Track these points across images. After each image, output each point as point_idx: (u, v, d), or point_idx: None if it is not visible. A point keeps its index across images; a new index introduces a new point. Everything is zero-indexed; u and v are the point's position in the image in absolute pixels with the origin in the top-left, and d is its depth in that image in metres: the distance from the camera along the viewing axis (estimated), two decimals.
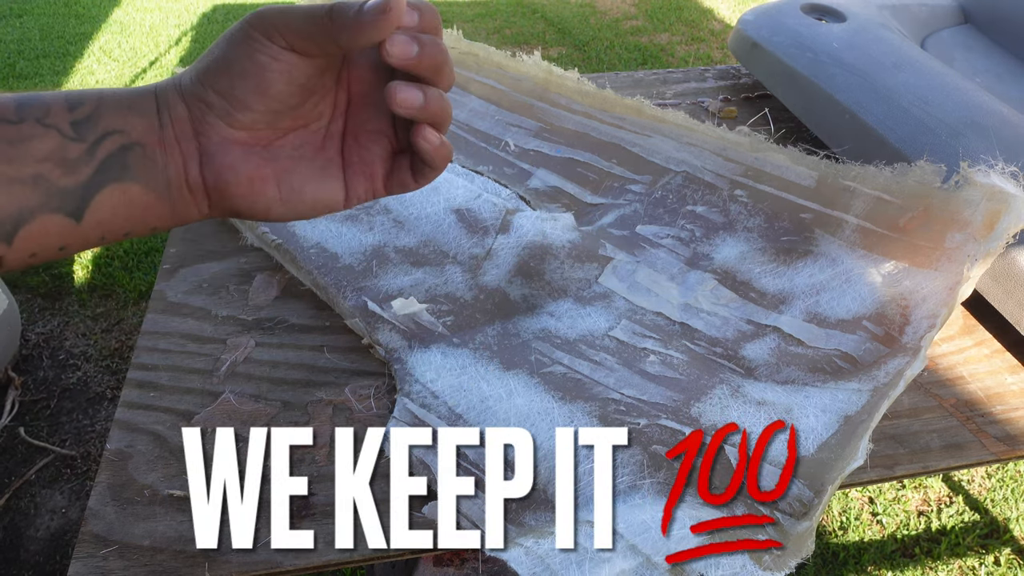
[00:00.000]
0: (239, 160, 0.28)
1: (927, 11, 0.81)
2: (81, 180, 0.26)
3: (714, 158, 0.61)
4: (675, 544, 0.36)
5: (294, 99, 0.28)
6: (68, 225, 0.26)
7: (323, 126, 0.30)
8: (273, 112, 0.28)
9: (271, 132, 0.29)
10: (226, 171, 0.28)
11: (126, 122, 0.27)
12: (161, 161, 0.27)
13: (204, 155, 0.28)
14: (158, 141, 0.27)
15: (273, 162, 0.29)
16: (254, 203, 0.29)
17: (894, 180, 0.52)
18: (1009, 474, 1.28)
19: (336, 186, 0.31)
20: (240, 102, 0.27)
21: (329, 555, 0.39)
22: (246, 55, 0.27)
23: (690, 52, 2.87)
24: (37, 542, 1.17)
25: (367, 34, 0.26)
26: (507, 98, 0.72)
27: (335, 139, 0.31)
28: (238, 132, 0.28)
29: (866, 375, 0.46)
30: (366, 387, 0.48)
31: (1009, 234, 0.47)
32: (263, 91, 0.27)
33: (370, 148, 0.31)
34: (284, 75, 0.27)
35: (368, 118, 0.31)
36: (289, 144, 0.29)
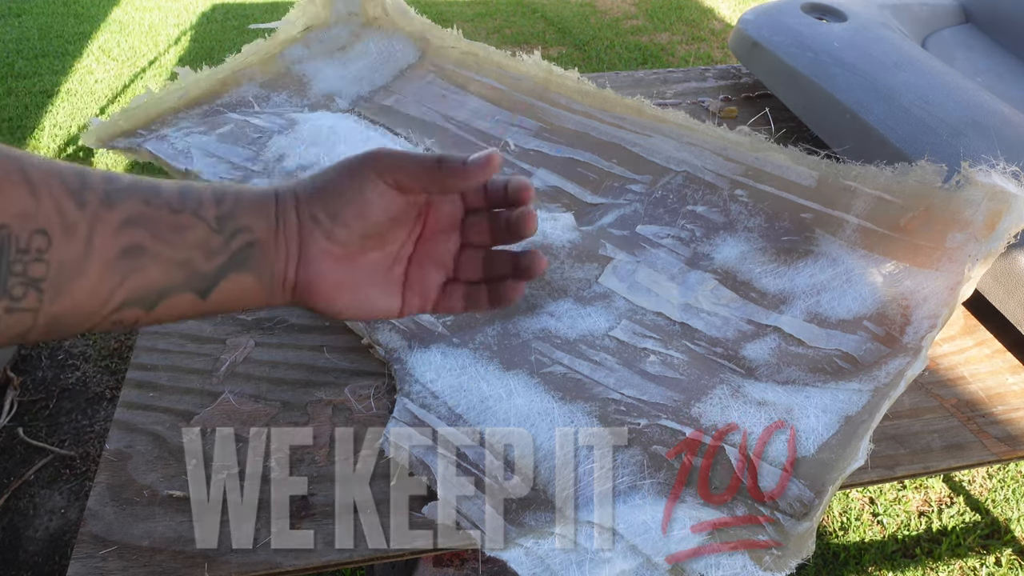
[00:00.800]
0: (328, 269, 0.33)
1: (928, 10, 0.81)
2: (215, 267, 0.30)
3: (714, 158, 0.61)
4: (675, 544, 0.36)
5: (384, 227, 0.34)
6: (195, 302, 0.30)
7: (396, 250, 0.35)
8: (365, 235, 0.33)
9: (358, 250, 0.34)
10: (317, 276, 0.33)
11: (254, 221, 0.31)
12: (271, 257, 0.32)
13: (303, 259, 0.33)
14: (273, 241, 0.32)
15: (353, 275, 0.34)
16: (330, 305, 0.34)
17: (895, 180, 0.52)
18: (1010, 474, 1.28)
19: (396, 301, 0.36)
20: (342, 223, 0.32)
21: (329, 555, 0.39)
22: (357, 188, 0.32)
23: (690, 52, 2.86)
24: (36, 542, 1.17)
25: (471, 180, 0.32)
26: (507, 98, 0.72)
27: (403, 262, 0.36)
28: (333, 246, 0.33)
29: (867, 375, 0.46)
30: (366, 387, 0.48)
31: (1010, 234, 0.47)
32: (363, 217, 0.32)
33: (430, 274, 0.36)
34: (383, 208, 0.33)
35: (434, 250, 0.36)
36: (369, 261, 0.34)
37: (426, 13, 0.82)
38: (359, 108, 0.74)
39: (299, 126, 0.68)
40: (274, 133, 0.67)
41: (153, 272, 0.29)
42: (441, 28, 0.79)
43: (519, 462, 0.42)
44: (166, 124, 0.70)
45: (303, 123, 0.68)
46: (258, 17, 3.10)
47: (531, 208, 0.34)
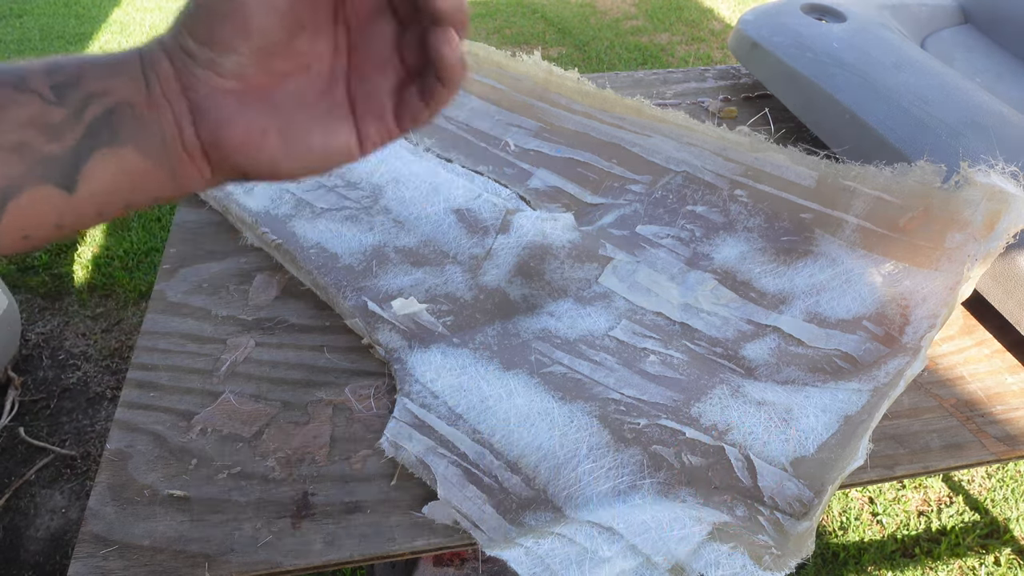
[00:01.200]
0: (234, 113, 0.26)
1: (927, 11, 0.81)
2: (69, 145, 0.24)
3: (714, 158, 0.61)
4: (675, 544, 0.36)
5: (280, 33, 0.26)
6: (60, 197, 0.24)
7: (326, 67, 0.28)
8: (261, 52, 0.26)
9: (265, 77, 0.26)
10: (222, 126, 0.26)
11: (111, 84, 0.25)
12: (153, 122, 0.25)
13: (196, 112, 0.26)
14: (146, 101, 0.25)
15: (273, 112, 0.27)
16: (257, 159, 0.27)
17: (894, 180, 0.52)
18: (1009, 474, 1.28)
19: (347, 131, 0.28)
20: (222, 45, 0.25)
21: (329, 555, 0.39)
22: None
23: (690, 52, 2.86)
24: (37, 542, 1.17)
25: None
26: (507, 98, 0.72)
27: (340, 80, 0.28)
28: (227, 81, 0.26)
29: (866, 375, 0.46)
30: (366, 387, 0.48)
31: (1009, 234, 0.47)
32: (244, 29, 0.25)
33: (377, 83, 0.28)
34: (263, 5, 0.25)
35: (372, 50, 0.28)
36: (289, 90, 0.27)
37: None
38: None
39: None
40: None
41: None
42: None
43: (519, 462, 0.42)
44: None
45: None
46: None
47: None
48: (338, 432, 0.45)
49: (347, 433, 0.45)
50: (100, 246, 1.79)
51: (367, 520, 0.40)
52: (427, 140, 0.70)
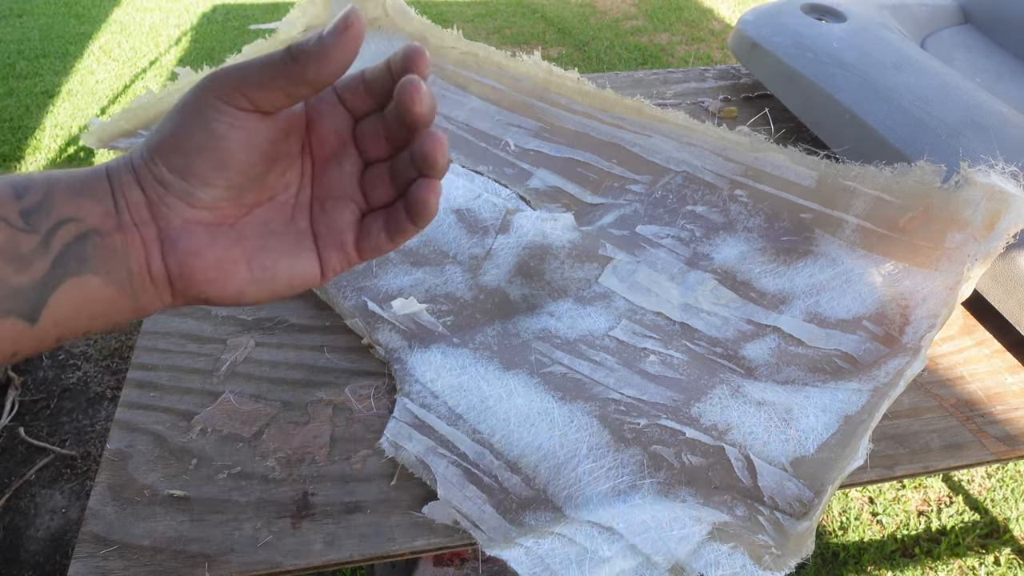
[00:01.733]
0: (204, 244, 0.26)
1: (927, 11, 0.81)
2: (37, 277, 0.23)
3: (714, 158, 0.61)
4: (675, 544, 0.36)
5: (257, 169, 0.26)
6: (21, 329, 0.23)
7: (291, 197, 0.28)
8: (236, 186, 0.26)
9: (236, 208, 0.26)
10: (191, 257, 0.26)
11: (80, 208, 0.24)
12: (121, 250, 0.25)
13: (165, 241, 0.25)
14: (115, 227, 0.24)
15: (242, 242, 0.27)
16: (224, 289, 0.27)
17: (894, 180, 0.52)
18: (1009, 474, 1.28)
19: (310, 259, 0.28)
20: (199, 179, 0.25)
21: (329, 555, 0.39)
22: (201, 126, 0.24)
23: (690, 52, 2.86)
24: (37, 542, 1.17)
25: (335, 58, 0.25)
26: (507, 98, 0.72)
27: (304, 210, 0.28)
28: (200, 212, 0.25)
29: (866, 375, 0.46)
30: (366, 387, 0.48)
31: (1009, 234, 0.47)
32: (223, 164, 0.25)
33: (339, 215, 0.28)
34: (244, 143, 0.25)
35: (334, 184, 0.28)
36: (257, 220, 0.27)
37: (426, 13, 0.82)
38: None
39: None
40: None
41: None
42: (441, 28, 0.79)
43: (519, 462, 0.42)
44: None
45: None
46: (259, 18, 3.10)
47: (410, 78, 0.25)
48: (338, 432, 0.45)
49: (347, 433, 0.45)
50: None
51: (367, 520, 0.40)
52: None
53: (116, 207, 0.25)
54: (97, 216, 0.24)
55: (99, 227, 0.24)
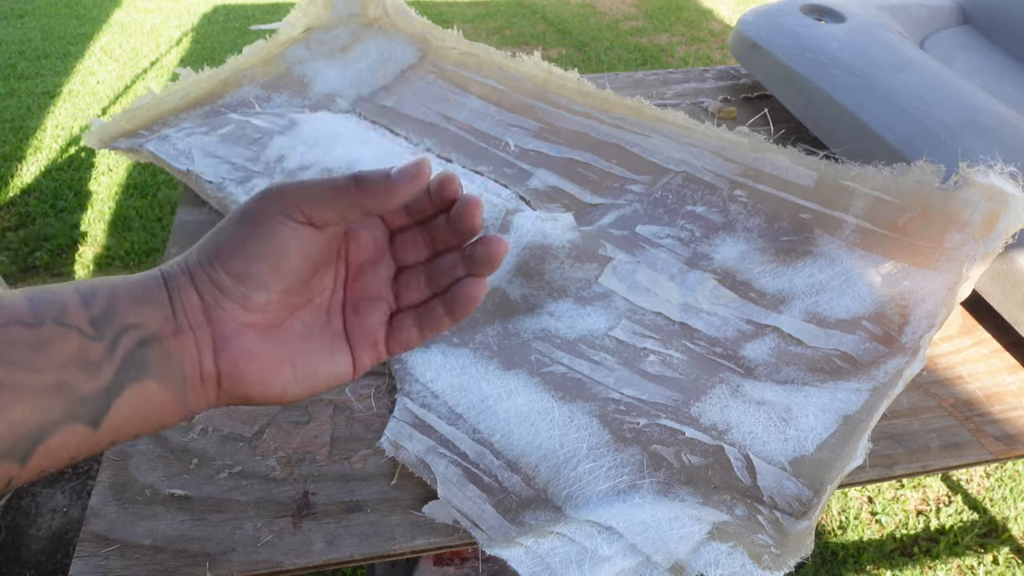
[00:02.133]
0: (256, 346, 0.27)
1: (926, 12, 0.81)
2: (103, 384, 0.24)
3: (714, 158, 0.61)
4: (674, 543, 0.36)
5: (307, 274, 0.28)
6: (85, 435, 0.24)
7: (326, 300, 0.30)
8: (288, 290, 0.27)
9: (284, 311, 0.28)
10: (243, 359, 0.26)
11: (141, 315, 0.25)
12: (177, 354, 0.25)
13: (219, 343, 0.26)
14: (173, 332, 0.25)
15: (287, 344, 0.28)
16: (269, 389, 0.27)
17: (893, 180, 0.52)
18: (1008, 473, 1.28)
19: (345, 359, 0.30)
20: (257, 283, 0.26)
21: (330, 554, 0.39)
22: (264, 234, 0.26)
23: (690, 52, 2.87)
24: (39, 541, 1.17)
25: (397, 197, 0.27)
26: (507, 98, 0.72)
27: (338, 311, 0.30)
28: (253, 315, 0.27)
29: (865, 375, 0.46)
30: (366, 387, 0.48)
31: (1008, 234, 0.47)
32: (279, 269, 0.26)
33: (371, 316, 0.30)
34: (301, 251, 0.27)
35: (369, 287, 0.30)
36: (299, 322, 0.28)
37: (426, 14, 0.82)
38: (359, 109, 0.75)
39: (300, 127, 0.68)
40: (275, 134, 0.67)
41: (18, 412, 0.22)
42: (441, 29, 0.79)
43: (519, 461, 0.42)
44: (167, 125, 0.71)
45: (304, 124, 0.68)
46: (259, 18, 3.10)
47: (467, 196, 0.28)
48: (338, 432, 0.45)
49: (347, 433, 0.45)
50: (101, 246, 1.80)
51: (367, 519, 0.41)
52: (427, 140, 0.70)
53: (174, 312, 0.26)
54: (157, 322, 0.25)
55: (159, 332, 0.25)
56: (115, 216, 1.89)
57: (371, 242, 0.30)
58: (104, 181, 2.03)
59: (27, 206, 1.92)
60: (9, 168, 2.07)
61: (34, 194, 1.97)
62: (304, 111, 0.73)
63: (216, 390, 0.27)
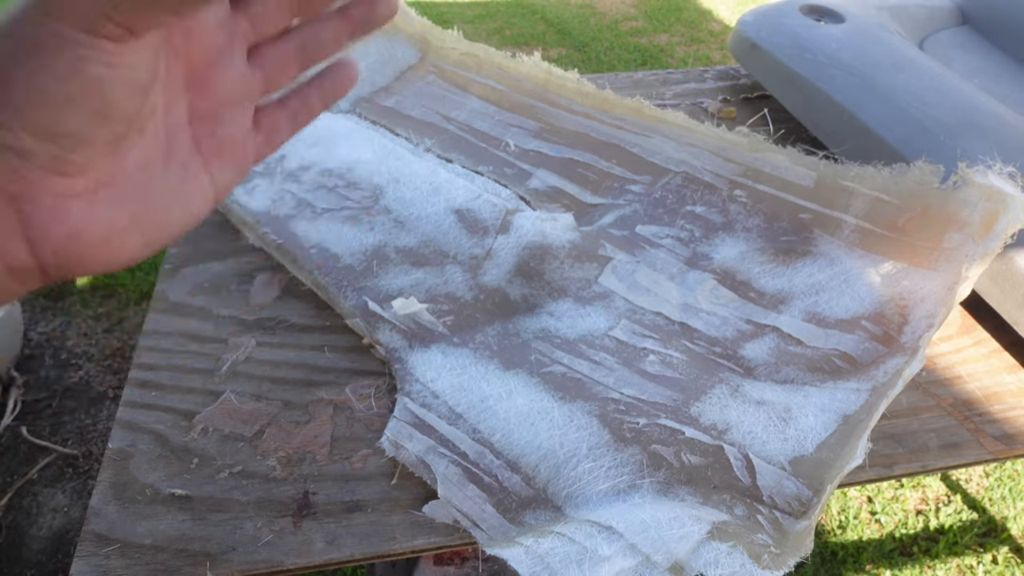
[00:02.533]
0: (83, 218, 0.20)
1: (925, 12, 0.81)
2: None
3: (713, 158, 0.61)
4: (674, 543, 0.36)
5: (137, 105, 0.20)
6: None
7: (161, 122, 0.21)
8: (116, 136, 0.19)
9: (110, 162, 0.20)
10: (70, 242, 0.20)
11: None
12: None
13: (31, 229, 0.19)
14: None
15: (124, 201, 0.21)
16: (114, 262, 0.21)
17: (892, 180, 0.52)
18: (1007, 473, 1.29)
19: (200, 191, 0.23)
20: (74, 139, 0.18)
21: (330, 554, 0.39)
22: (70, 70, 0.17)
23: (689, 53, 2.87)
24: (39, 541, 1.17)
25: None
26: (507, 98, 0.73)
27: (183, 130, 0.22)
28: (74, 180, 0.19)
29: (865, 375, 0.46)
30: (367, 387, 0.48)
31: (1007, 234, 0.47)
32: (109, 113, 0.19)
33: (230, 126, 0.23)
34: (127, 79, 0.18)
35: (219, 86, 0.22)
36: (133, 166, 0.21)
37: (427, 14, 0.82)
38: (359, 109, 0.75)
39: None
40: None
41: None
42: (441, 29, 0.79)
43: (519, 461, 0.42)
44: None
45: None
46: None
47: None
48: (339, 431, 0.45)
49: (348, 432, 0.45)
50: None
51: (368, 519, 0.41)
52: (427, 141, 0.70)
53: None
54: None
55: None
56: None
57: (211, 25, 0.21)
58: None
59: None
60: None
61: None
62: None
63: (38, 275, 0.20)
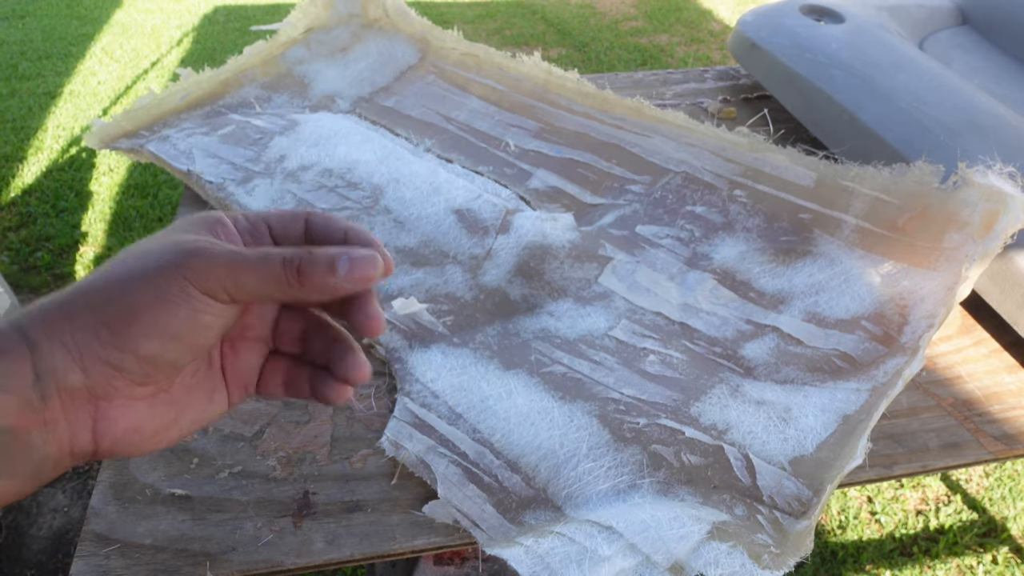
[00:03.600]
0: (145, 418, 0.24)
1: (925, 12, 0.81)
2: None
3: (713, 158, 0.61)
4: (674, 543, 0.36)
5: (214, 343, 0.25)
6: None
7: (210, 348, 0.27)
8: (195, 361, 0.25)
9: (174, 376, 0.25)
10: (130, 434, 0.24)
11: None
12: (37, 444, 0.22)
13: (101, 421, 0.23)
14: (36, 422, 0.22)
15: (174, 403, 0.26)
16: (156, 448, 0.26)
17: (892, 180, 0.52)
18: (1007, 473, 1.28)
19: (223, 398, 0.28)
20: (170, 365, 0.24)
21: (330, 554, 0.39)
22: (187, 317, 0.23)
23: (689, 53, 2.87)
24: (39, 541, 1.17)
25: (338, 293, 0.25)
26: (507, 98, 0.73)
27: (216, 352, 0.28)
28: (147, 388, 0.24)
29: (865, 375, 0.46)
30: (367, 387, 0.48)
31: (1007, 234, 0.47)
32: (196, 348, 0.24)
33: (249, 357, 0.28)
34: (221, 328, 0.24)
35: (254, 324, 0.28)
36: (184, 380, 0.26)
37: (427, 14, 0.82)
38: (360, 109, 0.75)
39: (300, 127, 0.68)
40: (275, 134, 0.67)
41: None
42: (441, 29, 0.79)
43: (519, 461, 0.42)
44: (168, 125, 0.71)
45: (304, 124, 0.69)
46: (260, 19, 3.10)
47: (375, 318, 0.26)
48: (339, 431, 0.45)
49: (348, 432, 0.45)
50: (102, 246, 1.80)
51: (368, 519, 0.41)
52: (427, 141, 0.70)
53: (43, 397, 0.22)
54: (12, 412, 0.21)
55: (13, 425, 0.21)
56: (116, 216, 1.89)
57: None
58: (105, 181, 2.03)
59: (28, 206, 1.92)
60: (10, 168, 2.07)
61: (35, 194, 1.97)
62: (304, 111, 0.73)
63: (84, 460, 0.24)
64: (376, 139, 0.68)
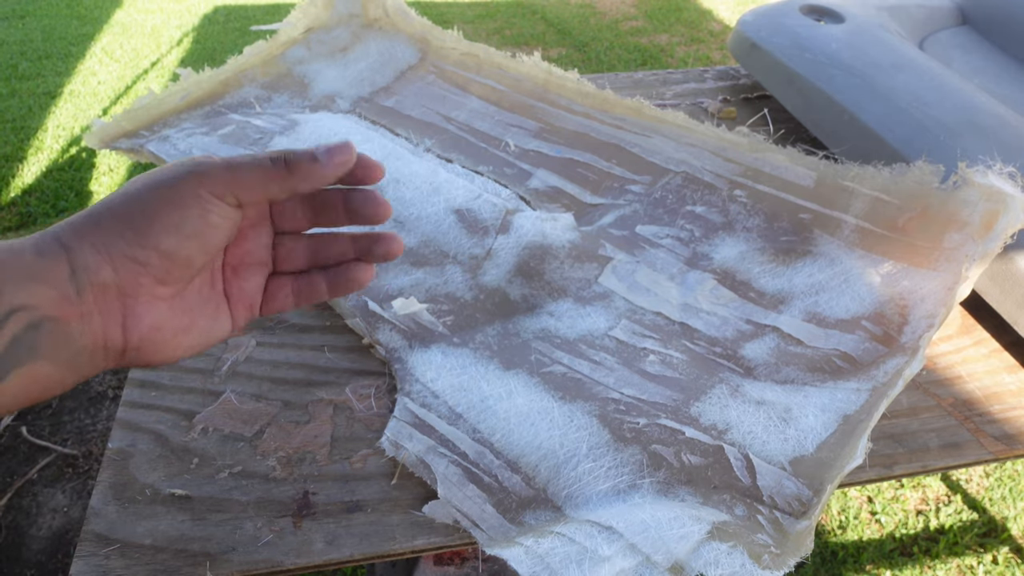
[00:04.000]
0: (164, 318, 0.27)
1: (925, 12, 0.81)
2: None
3: (713, 158, 0.61)
4: (674, 543, 0.36)
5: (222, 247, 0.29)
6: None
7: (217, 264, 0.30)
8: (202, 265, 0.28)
9: (188, 282, 0.28)
10: (154, 332, 0.27)
11: (33, 294, 0.23)
12: (76, 333, 0.25)
13: (130, 319, 0.26)
14: (74, 312, 0.24)
15: (187, 311, 0.29)
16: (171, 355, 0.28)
17: (892, 180, 0.52)
18: (1007, 473, 1.28)
19: (227, 319, 0.31)
20: (186, 261, 0.27)
21: (330, 554, 0.39)
22: (199, 216, 0.26)
23: (689, 53, 2.87)
24: (39, 541, 1.17)
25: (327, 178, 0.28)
26: (507, 98, 0.73)
27: (220, 274, 0.31)
28: (167, 288, 0.27)
29: (865, 375, 0.46)
30: (367, 387, 0.48)
31: (1007, 234, 0.47)
32: (208, 248, 0.27)
33: (249, 280, 0.31)
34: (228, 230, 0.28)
35: (249, 250, 0.31)
36: (195, 288, 0.29)
37: (427, 14, 0.82)
38: (360, 109, 0.75)
39: (300, 127, 0.68)
40: (275, 134, 0.67)
41: None
42: (442, 29, 0.79)
43: (519, 461, 0.42)
44: (168, 125, 0.71)
45: (304, 124, 0.69)
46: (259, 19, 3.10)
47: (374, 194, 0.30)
48: (339, 431, 0.45)
49: (348, 432, 0.45)
50: None
51: (368, 519, 0.41)
52: (427, 141, 0.70)
53: (78, 290, 0.25)
54: (52, 301, 0.24)
55: (54, 313, 0.24)
56: None
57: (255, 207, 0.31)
58: (105, 181, 2.03)
59: (28, 206, 1.92)
60: (10, 168, 2.07)
61: (35, 194, 1.97)
62: (304, 111, 0.73)
63: (117, 359, 0.27)
64: (376, 139, 0.68)
